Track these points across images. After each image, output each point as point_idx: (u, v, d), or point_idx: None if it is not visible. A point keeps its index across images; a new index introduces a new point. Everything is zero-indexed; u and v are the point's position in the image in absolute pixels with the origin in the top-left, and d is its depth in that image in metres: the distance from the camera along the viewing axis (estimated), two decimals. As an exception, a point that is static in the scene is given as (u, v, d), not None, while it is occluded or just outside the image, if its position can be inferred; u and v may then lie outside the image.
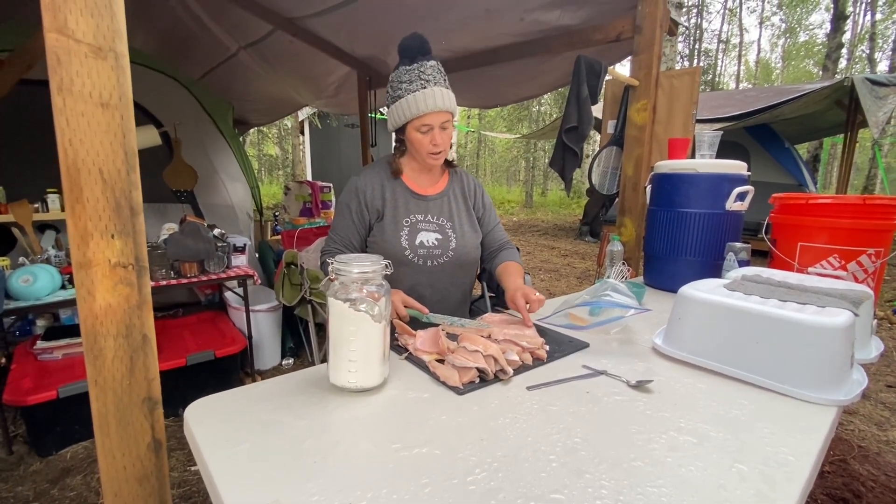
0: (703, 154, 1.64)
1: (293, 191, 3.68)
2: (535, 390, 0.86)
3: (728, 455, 0.68)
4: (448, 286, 1.35)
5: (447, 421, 0.75)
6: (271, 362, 2.88)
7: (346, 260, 0.83)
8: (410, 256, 1.28)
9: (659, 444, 0.70)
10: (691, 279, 1.14)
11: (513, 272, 1.32)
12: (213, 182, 3.70)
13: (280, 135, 15.06)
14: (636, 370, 0.97)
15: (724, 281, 1.15)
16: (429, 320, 1.13)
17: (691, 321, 1.02)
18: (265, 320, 2.79)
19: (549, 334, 1.15)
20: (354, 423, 0.74)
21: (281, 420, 0.74)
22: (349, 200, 1.30)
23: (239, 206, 3.83)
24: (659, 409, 0.81)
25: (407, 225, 1.29)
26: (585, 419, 0.76)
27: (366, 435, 0.71)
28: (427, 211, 1.33)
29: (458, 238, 1.33)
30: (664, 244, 1.66)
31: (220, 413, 0.77)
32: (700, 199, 1.57)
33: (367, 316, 0.81)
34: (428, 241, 1.30)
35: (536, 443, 0.69)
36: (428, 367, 0.93)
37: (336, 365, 0.83)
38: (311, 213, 3.64)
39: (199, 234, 2.34)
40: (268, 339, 2.82)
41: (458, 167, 1.45)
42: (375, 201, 1.30)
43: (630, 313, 1.14)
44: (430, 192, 1.36)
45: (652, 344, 1.10)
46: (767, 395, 0.87)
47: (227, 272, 2.46)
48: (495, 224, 1.46)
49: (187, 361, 2.22)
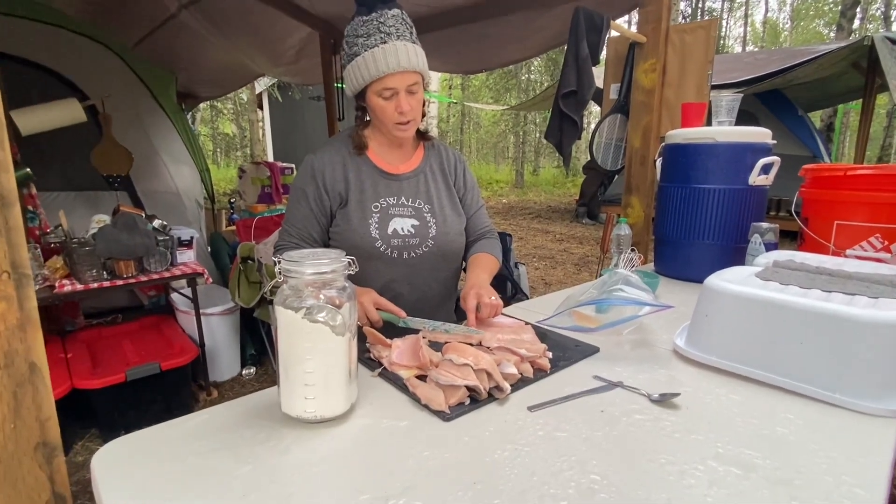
0: (721, 121, 1.58)
1: (249, 173, 3.54)
2: (539, 411, 0.80)
3: (781, 489, 0.61)
4: (429, 282, 1.28)
5: (431, 459, 0.67)
6: (230, 372, 2.78)
7: (298, 258, 0.72)
8: (382, 248, 1.20)
9: (696, 478, 0.63)
10: (710, 266, 1.09)
11: (479, 265, 1.25)
12: (153, 165, 3.52)
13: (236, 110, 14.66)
14: (657, 380, 0.91)
15: (755, 269, 1.09)
16: (406, 325, 1.07)
17: (720, 318, 0.96)
18: (220, 325, 2.68)
19: (551, 338, 1.09)
20: (314, 465, 0.66)
21: (218, 466, 0.65)
22: (304, 184, 1.21)
23: (186, 193, 3.67)
24: (690, 429, 0.74)
25: (376, 210, 1.21)
26: (602, 447, 0.70)
27: (326, 482, 0.63)
28: (400, 193, 1.25)
29: (439, 224, 1.26)
30: (678, 226, 1.60)
31: (140, 460, 0.67)
32: (719, 172, 1.51)
33: (326, 328, 0.71)
34: (403, 228, 1.22)
35: (544, 483, 0.62)
36: (407, 386, 0.85)
37: (288, 390, 0.74)
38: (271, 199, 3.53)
39: (134, 227, 2.20)
40: (224, 347, 2.72)
41: (436, 139, 1.36)
42: (336, 184, 1.21)
43: (645, 311, 1.06)
44: (403, 170, 1.27)
45: (672, 345, 1.05)
46: (816, 406, 0.81)
47: (170, 270, 2.34)
48: (478, 208, 1.38)
49: (127, 377, 2.10)
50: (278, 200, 3.59)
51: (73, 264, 2.14)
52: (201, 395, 2.45)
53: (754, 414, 0.78)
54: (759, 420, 0.77)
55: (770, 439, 0.71)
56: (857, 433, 0.73)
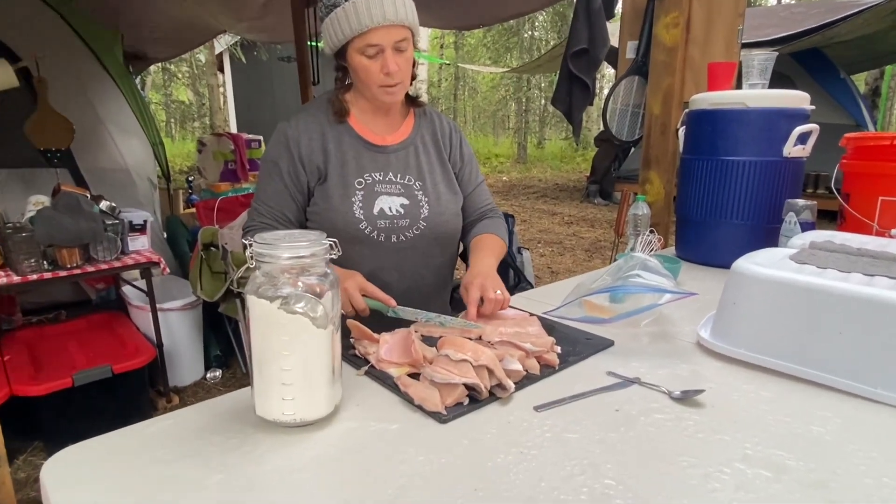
0: (753, 83, 1.59)
1: (210, 147, 3.52)
2: (546, 411, 0.81)
3: (816, 493, 0.63)
4: (420, 269, 1.28)
5: (426, 464, 0.68)
6: (192, 376, 2.79)
7: (272, 240, 0.73)
8: (368, 231, 1.20)
9: (721, 482, 0.65)
10: (738, 249, 1.10)
11: (484, 248, 1.25)
12: (98, 137, 3.48)
13: (193, 73, 14.45)
14: (679, 375, 0.93)
15: (790, 251, 1.11)
16: (396, 315, 1.07)
17: (749, 307, 0.98)
18: (180, 322, 2.68)
19: (559, 331, 1.11)
20: (293, 473, 0.67)
21: (186, 475, 0.66)
22: (277, 156, 1.21)
23: (136, 170, 3.64)
24: (715, 429, 0.76)
25: (360, 187, 1.21)
26: (617, 450, 0.71)
27: (308, 492, 0.63)
28: (387, 167, 1.25)
29: (432, 203, 1.26)
30: (703, 204, 1.62)
31: (95, 469, 0.67)
32: (750, 142, 1.53)
33: (305, 320, 0.72)
34: (391, 208, 1.22)
35: (553, 489, 0.63)
36: (397, 386, 0.86)
37: (264, 391, 0.75)
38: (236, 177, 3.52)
39: (79, 209, 2.18)
40: (185, 347, 2.73)
41: (428, 105, 1.36)
42: (314, 155, 1.21)
43: (665, 299, 1.08)
44: (390, 141, 1.27)
45: (696, 338, 1.06)
46: (855, 402, 0.83)
47: (121, 259, 2.33)
48: (477, 183, 1.39)
49: (75, 381, 2.11)
50: (244, 178, 3.58)
51: (8, 253, 2.12)
52: (160, 402, 2.47)
53: (787, 412, 0.80)
54: (792, 419, 0.78)
55: (804, 439, 0.73)
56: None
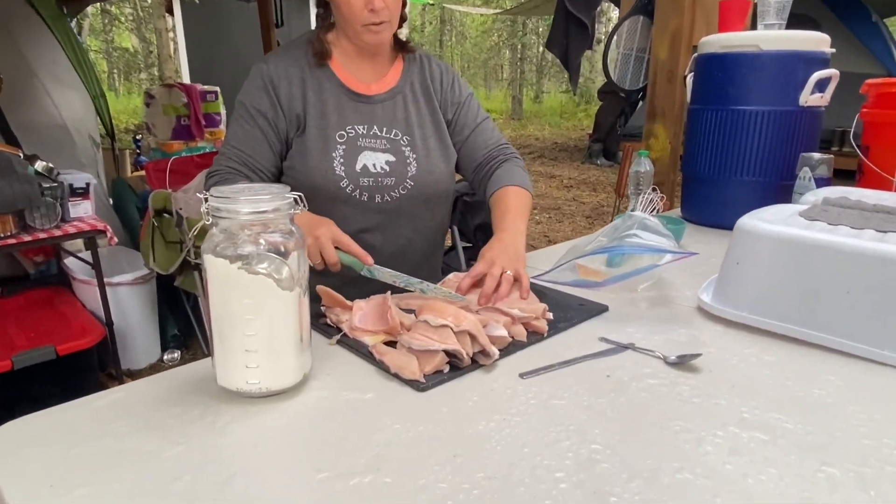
0: (769, 24, 1.61)
1: (159, 100, 3.47)
2: (532, 378, 0.85)
3: (812, 454, 0.67)
4: (407, 233, 1.30)
5: (402, 432, 0.71)
6: (147, 358, 2.81)
7: (230, 193, 0.74)
8: (349, 190, 1.22)
9: (714, 444, 0.69)
10: (748, 209, 1.12)
11: (508, 207, 1.23)
12: (30, 89, 3.41)
13: (138, 16, 14.07)
14: (676, 340, 0.97)
15: (800, 207, 1.14)
16: (371, 274, 1.06)
17: (754, 266, 1.01)
18: (131, 298, 2.69)
19: (550, 297, 1.14)
20: (259, 444, 0.70)
21: (143, 447, 0.69)
22: (255, 100, 1.20)
23: (76, 127, 3.58)
24: (711, 394, 0.80)
25: (342, 141, 1.22)
26: (606, 416, 0.75)
27: (276, 461, 0.66)
28: (372, 119, 1.26)
29: (420, 160, 1.28)
30: (711, 160, 1.65)
31: (43, 442, 0.70)
32: (763, 90, 1.56)
33: (269, 282, 0.74)
34: (375, 165, 1.24)
35: (536, 455, 0.67)
36: (372, 354, 0.89)
37: (225, 359, 0.77)
38: (190, 135, 3.48)
39: (10, 171, 2.16)
40: (139, 325, 2.74)
41: (420, 49, 1.36)
42: (294, 103, 1.21)
43: (666, 260, 1.11)
44: (376, 90, 1.27)
45: (697, 302, 1.11)
46: (861, 365, 0.88)
47: (62, 228, 2.32)
48: (481, 119, 1.36)
49: (14, 364, 2.13)
50: (199, 136, 3.54)
51: (-69, 220, 2.10)
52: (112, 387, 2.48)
53: (788, 376, 0.85)
54: (793, 382, 0.83)
55: (804, 402, 0.78)
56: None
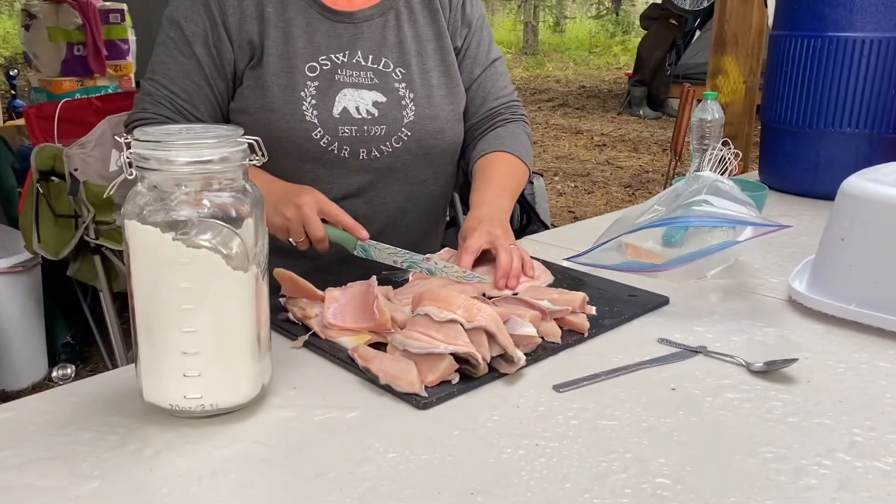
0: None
1: (43, 21, 3.37)
2: (571, 390, 0.81)
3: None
4: (401, 200, 1.26)
5: (398, 462, 0.67)
6: (30, 375, 2.62)
7: (162, 135, 0.68)
8: (325, 143, 1.17)
9: (819, 477, 0.65)
10: (850, 170, 1.10)
11: (495, 179, 1.22)
12: None
13: None
14: (762, 343, 0.96)
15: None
16: (365, 253, 1.05)
17: (866, 244, 0.99)
18: (8, 292, 2.51)
19: (589, 285, 1.10)
20: (202, 479, 0.64)
21: (43, 483, 0.63)
22: (191, 18, 1.14)
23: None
24: (812, 411, 0.78)
25: (314, 75, 1.17)
26: (673, 440, 0.72)
27: (227, 502, 0.62)
28: (353, 45, 1.20)
29: (420, 100, 1.22)
30: (800, 105, 1.63)
31: None
32: (872, 10, 1.52)
33: (215, 258, 0.67)
34: (359, 108, 1.18)
35: (583, 492, 0.63)
36: (354, 360, 0.84)
37: (155, 367, 0.70)
38: (87, 70, 3.38)
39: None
40: (18, 330, 2.57)
41: None
42: (246, 23, 1.14)
43: (746, 235, 1.04)
44: (359, 5, 1.21)
45: (787, 292, 1.09)
46: None
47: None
48: (490, 61, 1.33)
49: None
50: (100, 71, 3.44)
51: None
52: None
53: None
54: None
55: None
56: None
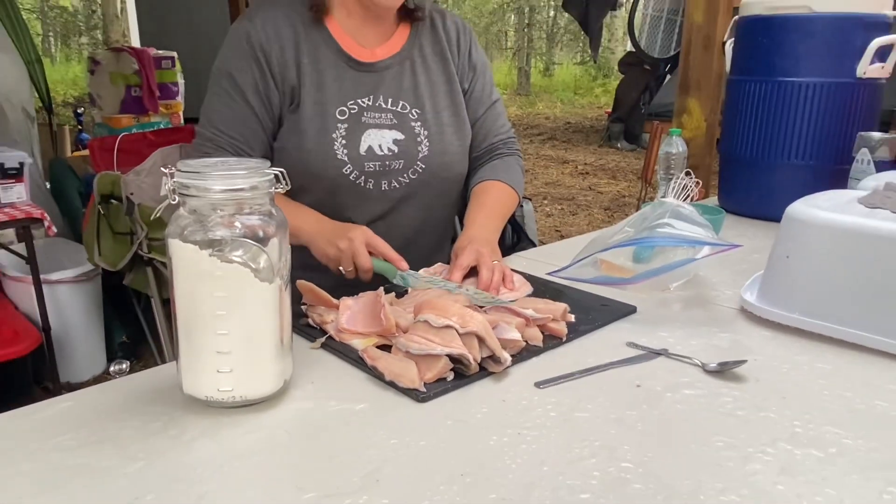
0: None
1: (106, 67, 3.44)
2: (550, 387, 0.85)
3: (876, 474, 0.67)
4: (418, 225, 1.31)
5: (400, 447, 0.71)
6: (91, 369, 2.80)
7: (200, 167, 0.74)
8: (353, 176, 1.22)
9: (763, 462, 0.69)
10: (797, 197, 1.13)
11: (487, 204, 1.27)
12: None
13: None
14: (717, 346, 0.98)
15: (859, 193, 1.15)
16: (404, 282, 1.09)
17: (807, 261, 1.02)
18: (73, 298, 2.67)
19: (568, 296, 1.15)
20: (233, 460, 0.69)
21: (97, 464, 0.68)
22: (239, 67, 1.18)
23: (7, 97, 3.58)
24: (759, 406, 0.81)
25: (343, 119, 1.21)
26: (637, 430, 0.75)
27: (253, 479, 0.66)
28: (376, 90, 1.25)
29: (433, 138, 1.28)
30: (754, 140, 1.67)
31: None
32: (816, 59, 1.58)
33: (245, 272, 0.74)
34: (381, 146, 1.24)
35: (558, 474, 0.66)
36: (363, 360, 0.89)
37: (193, 363, 0.77)
38: (142, 108, 3.46)
39: (-69, 147, 2.15)
40: (81, 331, 2.73)
41: (431, 4, 1.33)
42: (288, 71, 1.19)
43: (704, 253, 1.11)
44: (380, 56, 1.26)
45: (739, 302, 1.12)
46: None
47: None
48: (491, 102, 1.38)
49: (-67, 374, 2.11)
50: (153, 109, 3.53)
51: None
52: (49, 402, 2.48)
53: (846, 386, 0.85)
54: (853, 393, 0.83)
55: (866, 416, 0.78)
56: (983, 407, 0.80)
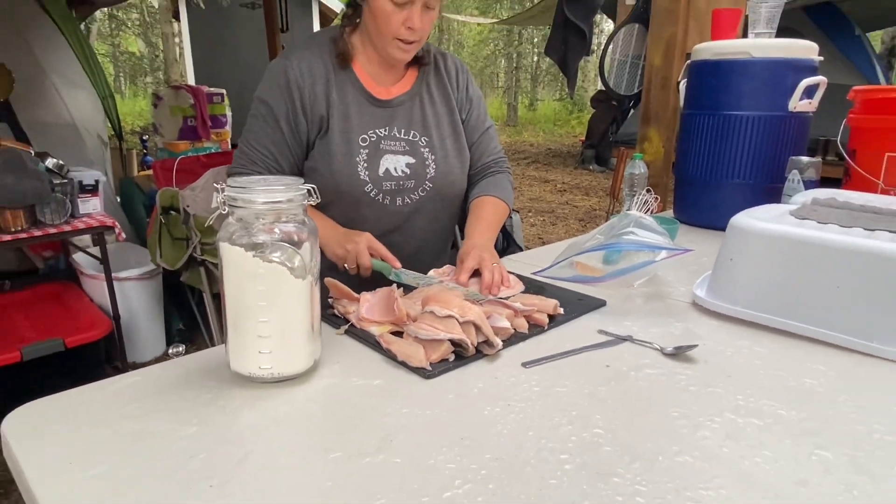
0: (759, 32, 1.61)
1: (167, 101, 3.46)
2: (534, 367, 0.85)
3: (806, 439, 0.68)
4: (426, 233, 1.31)
5: (410, 416, 0.72)
6: (153, 351, 2.81)
7: (246, 183, 0.74)
8: (373, 193, 1.22)
9: (711, 430, 0.69)
10: (739, 210, 1.13)
11: (484, 217, 1.26)
12: (41, 88, 3.40)
13: (144, 21, 14.04)
14: (672, 333, 0.98)
15: (791, 207, 1.15)
16: (398, 279, 1.10)
17: (748, 263, 1.02)
18: (138, 292, 2.69)
19: (549, 292, 1.15)
20: (272, 426, 0.70)
21: (157, 429, 0.69)
22: (276, 99, 1.18)
23: (85, 126, 3.58)
24: (707, 383, 0.81)
25: (365, 145, 1.21)
26: (607, 403, 0.76)
27: (289, 443, 0.67)
28: (391, 122, 1.25)
29: (439, 161, 1.28)
30: (703, 163, 1.66)
31: (60, 423, 0.70)
32: (754, 96, 1.57)
33: (282, 270, 0.74)
34: (396, 168, 1.23)
35: (541, 438, 0.67)
36: (380, 343, 0.89)
37: (239, 345, 0.77)
38: (196, 135, 3.48)
39: (22, 167, 2.15)
40: (145, 319, 2.74)
41: (433, 48, 1.33)
42: (318, 104, 1.19)
43: (662, 256, 1.11)
44: (395, 93, 1.27)
45: (692, 297, 1.11)
46: (850, 357, 0.89)
47: (72, 223, 2.31)
48: (485, 129, 1.38)
49: (23, 355, 2.11)
50: (205, 136, 3.54)
51: (-56, 215, 2.09)
52: (118, 379, 2.48)
53: (780, 366, 0.85)
54: (786, 372, 0.84)
55: (797, 391, 0.78)
56: (894, 383, 0.80)
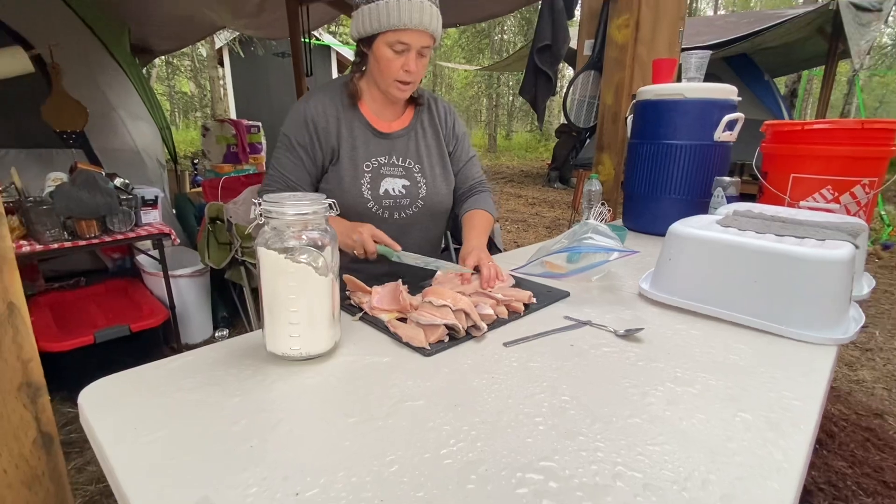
0: (691, 77, 1.62)
1: (213, 132, 3.43)
2: (513, 346, 0.85)
3: (731, 404, 0.68)
4: (418, 241, 1.30)
5: (413, 387, 0.71)
6: (202, 335, 2.78)
7: (279, 198, 0.73)
8: (374, 209, 1.21)
9: (655, 397, 0.70)
10: (675, 219, 1.14)
11: (477, 225, 1.26)
12: (110, 121, 3.35)
13: (194, 67, 13.91)
14: (623, 319, 0.98)
15: (717, 217, 1.15)
16: (400, 259, 1.10)
17: (683, 261, 1.02)
18: (190, 287, 2.66)
19: (524, 286, 1.14)
20: (300, 396, 0.69)
21: (207, 399, 0.68)
22: (296, 133, 1.18)
23: (146, 151, 3.53)
24: (652, 359, 0.81)
25: (368, 170, 1.21)
26: (571, 375, 0.75)
27: (314, 409, 0.66)
28: (391, 152, 1.25)
29: (429, 184, 1.28)
30: (646, 182, 1.66)
31: (127, 396, 0.68)
32: (687, 128, 1.57)
33: (309, 269, 0.74)
34: (394, 189, 1.23)
35: (519, 405, 0.67)
36: (388, 328, 0.89)
37: (274, 330, 0.76)
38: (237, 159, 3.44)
39: (95, 185, 2.11)
40: (195, 309, 2.71)
41: (426, 90, 1.33)
42: (330, 137, 1.19)
43: (614, 256, 1.12)
44: (395, 128, 1.26)
45: (638, 289, 1.12)
46: (766, 338, 0.89)
47: (136, 231, 2.27)
48: (469, 158, 1.38)
49: (96, 338, 2.08)
50: (245, 160, 3.51)
51: (31, 224, 2.05)
52: (174, 357, 2.44)
53: (711, 346, 0.86)
54: (715, 350, 0.84)
55: (723, 365, 0.79)
56: (800, 358, 0.81)
